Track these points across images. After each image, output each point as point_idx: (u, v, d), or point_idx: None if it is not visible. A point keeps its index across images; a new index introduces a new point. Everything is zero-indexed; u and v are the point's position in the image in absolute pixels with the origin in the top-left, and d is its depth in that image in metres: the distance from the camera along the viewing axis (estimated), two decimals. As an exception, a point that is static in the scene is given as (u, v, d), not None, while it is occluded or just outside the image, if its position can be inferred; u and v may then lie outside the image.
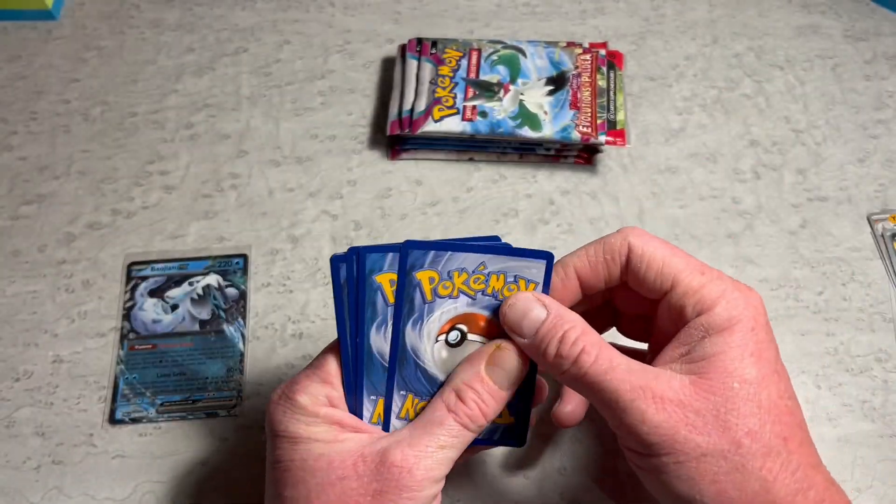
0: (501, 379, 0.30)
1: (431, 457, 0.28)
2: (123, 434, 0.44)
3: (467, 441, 0.30)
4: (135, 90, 0.57)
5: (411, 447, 0.28)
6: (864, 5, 0.62)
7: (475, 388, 0.30)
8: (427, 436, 0.29)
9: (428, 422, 0.30)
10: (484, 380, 0.30)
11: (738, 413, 0.26)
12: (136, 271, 0.49)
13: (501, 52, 0.55)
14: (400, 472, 0.28)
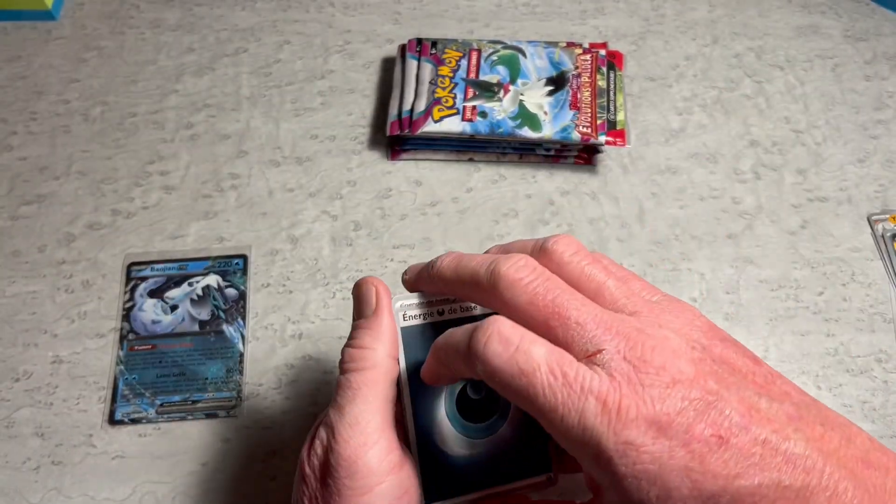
0: (357, 311, 0.29)
1: (351, 427, 0.27)
2: (123, 435, 0.43)
3: (367, 382, 0.27)
4: (135, 90, 0.57)
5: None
6: (864, 5, 0.62)
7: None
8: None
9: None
10: (353, 325, 0.29)
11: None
12: (135, 272, 0.49)
13: (501, 53, 0.55)
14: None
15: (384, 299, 0.29)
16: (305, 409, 0.44)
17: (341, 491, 0.26)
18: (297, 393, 0.45)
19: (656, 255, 0.50)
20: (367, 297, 0.29)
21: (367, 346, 0.28)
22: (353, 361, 0.28)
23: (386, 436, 0.27)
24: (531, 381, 0.22)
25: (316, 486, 0.27)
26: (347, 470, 0.26)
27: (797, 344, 0.46)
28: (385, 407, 0.28)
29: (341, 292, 0.48)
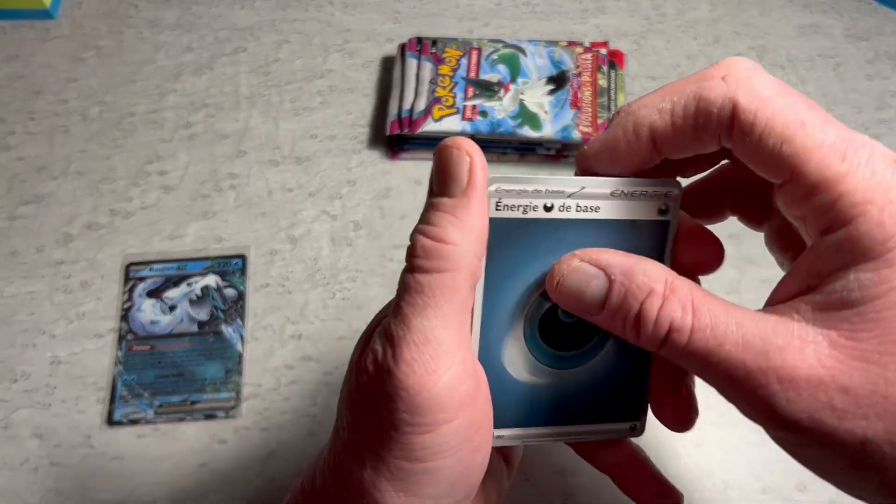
0: (440, 184, 0.22)
1: (417, 348, 0.21)
2: (122, 435, 0.43)
3: (445, 290, 0.21)
4: (133, 90, 0.57)
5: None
6: (865, 4, 0.62)
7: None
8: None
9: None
10: (430, 204, 0.22)
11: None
12: (134, 272, 0.49)
13: (502, 52, 0.54)
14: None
15: (479, 176, 0.21)
16: (305, 410, 0.44)
17: (398, 426, 0.21)
18: (297, 394, 0.45)
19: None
20: (457, 169, 0.21)
21: (451, 240, 0.21)
22: (430, 259, 0.21)
23: (459, 359, 0.21)
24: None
25: (365, 410, 0.22)
26: (409, 403, 0.20)
27: (799, 344, 0.46)
28: (462, 320, 0.22)
29: (341, 292, 0.48)
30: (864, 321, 0.19)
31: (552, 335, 0.25)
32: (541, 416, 0.26)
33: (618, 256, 0.22)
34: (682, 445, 0.43)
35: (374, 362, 0.21)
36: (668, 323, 0.20)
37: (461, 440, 0.21)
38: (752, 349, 0.19)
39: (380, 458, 0.21)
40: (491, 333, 0.24)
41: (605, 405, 0.26)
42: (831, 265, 0.19)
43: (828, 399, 0.19)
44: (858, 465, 0.19)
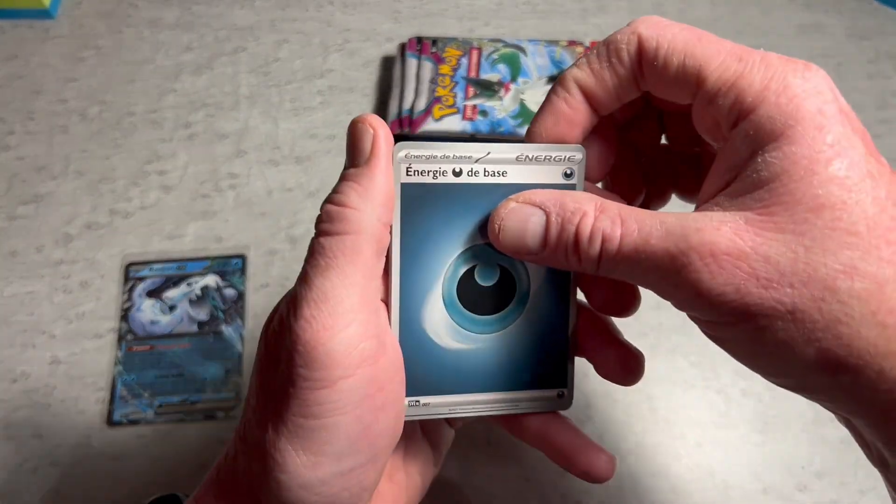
0: (349, 156, 0.23)
1: (316, 305, 0.21)
2: (121, 436, 0.43)
3: (347, 251, 0.22)
4: (133, 89, 0.57)
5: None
6: (866, 4, 0.62)
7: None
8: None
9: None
10: (341, 176, 0.23)
11: (824, 248, 0.19)
12: (134, 272, 0.48)
13: (502, 51, 0.54)
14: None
15: (382, 146, 0.23)
16: (305, 410, 0.44)
17: (295, 381, 0.21)
18: (297, 394, 0.45)
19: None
20: (361, 141, 0.23)
21: (352, 204, 0.22)
22: (332, 222, 0.22)
23: (360, 319, 0.22)
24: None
25: (270, 371, 0.23)
26: (305, 357, 0.21)
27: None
28: (365, 283, 0.22)
29: (341, 292, 0.48)
30: (775, 195, 0.20)
31: (471, 299, 0.25)
32: (465, 384, 0.26)
33: (549, 192, 0.23)
34: (683, 446, 0.43)
35: (279, 323, 0.22)
36: (600, 236, 0.22)
37: (360, 397, 0.22)
38: (673, 236, 0.20)
39: (280, 417, 0.22)
40: (411, 299, 0.25)
41: (529, 372, 0.26)
42: (742, 155, 0.21)
43: (751, 269, 0.19)
44: (790, 339, 0.19)
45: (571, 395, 0.27)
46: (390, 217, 0.23)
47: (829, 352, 0.19)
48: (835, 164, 0.19)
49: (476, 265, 0.25)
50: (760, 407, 0.44)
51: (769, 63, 0.21)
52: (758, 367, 0.22)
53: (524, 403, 0.27)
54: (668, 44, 0.22)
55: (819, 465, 0.42)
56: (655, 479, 0.42)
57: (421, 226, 0.24)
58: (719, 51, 0.21)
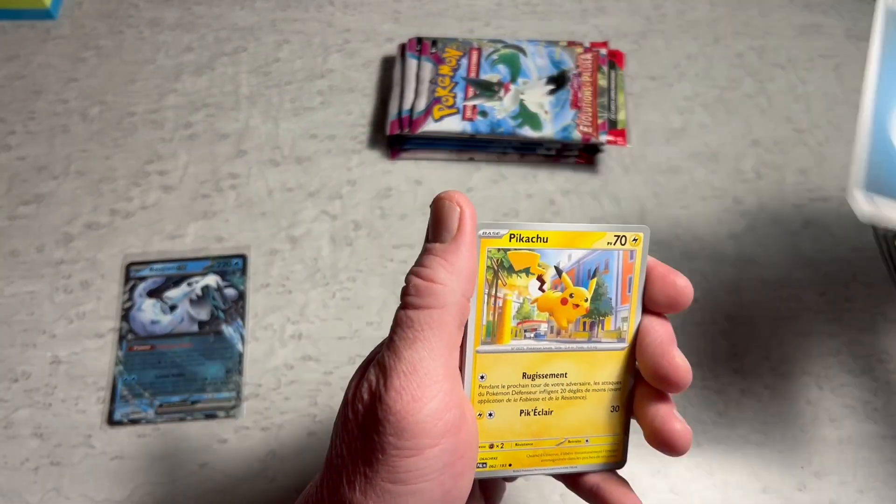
0: (434, 231, 0.25)
1: (406, 377, 0.23)
2: (122, 435, 0.43)
3: (433, 325, 0.23)
4: (133, 90, 0.57)
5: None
6: (866, 4, 0.62)
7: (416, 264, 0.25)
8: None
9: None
10: (425, 249, 0.25)
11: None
12: (134, 272, 0.49)
13: (502, 52, 0.55)
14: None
15: (468, 224, 0.24)
16: (305, 409, 0.44)
17: (385, 449, 0.22)
18: (297, 394, 0.45)
19: (658, 255, 0.49)
20: (448, 218, 0.24)
21: (440, 280, 0.24)
22: (420, 296, 0.23)
23: (445, 389, 0.23)
24: None
25: (357, 435, 0.23)
26: (396, 427, 0.22)
27: (799, 344, 0.46)
28: (449, 354, 0.24)
29: (341, 292, 0.48)
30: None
31: None
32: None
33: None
34: (683, 445, 0.43)
35: (368, 391, 0.23)
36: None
37: (443, 465, 0.23)
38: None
39: (367, 480, 0.23)
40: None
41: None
42: None
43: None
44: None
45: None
46: (472, 291, 0.25)
47: None
48: None
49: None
50: (760, 406, 0.44)
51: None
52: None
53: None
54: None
55: (818, 464, 0.42)
56: (655, 479, 0.42)
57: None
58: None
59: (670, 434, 0.27)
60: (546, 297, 0.26)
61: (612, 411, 0.28)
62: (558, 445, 0.28)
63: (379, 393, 0.23)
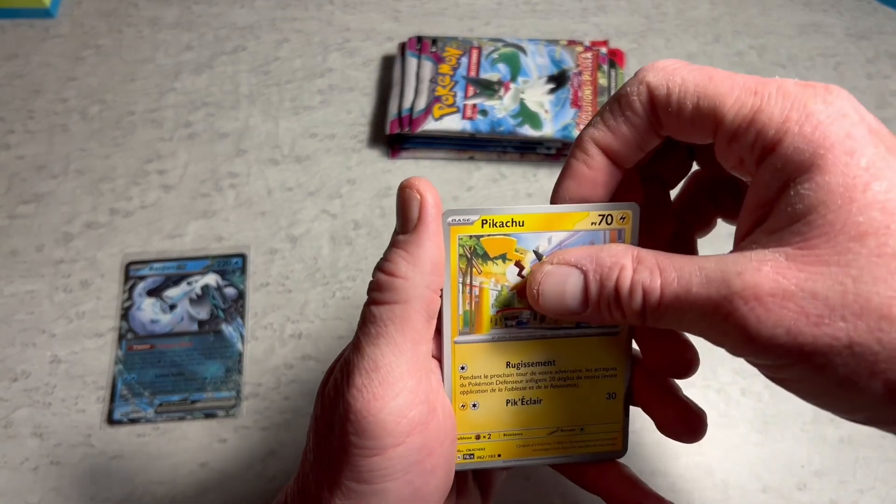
0: (398, 222, 0.24)
1: (367, 374, 0.22)
2: (122, 435, 0.43)
3: (396, 320, 0.23)
4: (133, 89, 0.57)
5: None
6: (865, 3, 0.62)
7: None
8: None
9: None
10: (391, 241, 0.24)
11: (873, 277, 0.18)
12: (134, 271, 0.48)
13: (502, 50, 0.54)
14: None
15: (430, 212, 0.23)
16: (304, 409, 0.44)
17: (347, 448, 0.22)
18: (297, 393, 0.45)
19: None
20: (409, 207, 0.23)
21: (401, 273, 0.23)
22: (382, 291, 0.23)
23: (409, 386, 0.22)
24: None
25: (324, 433, 0.23)
26: (356, 426, 0.22)
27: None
28: (415, 350, 0.23)
29: (341, 291, 0.48)
30: (814, 228, 0.19)
31: None
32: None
33: (583, 250, 0.23)
34: (682, 445, 0.43)
35: (334, 387, 0.23)
36: (640, 288, 0.21)
37: (410, 464, 0.22)
38: (714, 283, 0.20)
39: (334, 480, 0.23)
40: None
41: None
42: (773, 190, 0.20)
43: (799, 308, 0.19)
44: (854, 374, 0.19)
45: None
46: (440, 282, 0.24)
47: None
48: (873, 188, 0.18)
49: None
50: (760, 406, 0.44)
51: (786, 92, 0.20)
52: (827, 406, 0.21)
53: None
54: (678, 88, 0.21)
55: (818, 464, 0.42)
56: (655, 479, 0.42)
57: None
58: (732, 87, 0.21)
59: (685, 420, 0.26)
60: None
61: (609, 398, 0.27)
62: (551, 434, 0.27)
63: (342, 390, 0.22)
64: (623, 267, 0.22)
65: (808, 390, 0.20)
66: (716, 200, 0.28)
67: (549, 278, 0.23)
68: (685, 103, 0.21)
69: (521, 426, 0.27)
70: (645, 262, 0.22)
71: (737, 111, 0.20)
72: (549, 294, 0.23)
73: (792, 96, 0.20)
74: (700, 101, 0.21)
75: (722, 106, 0.21)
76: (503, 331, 0.26)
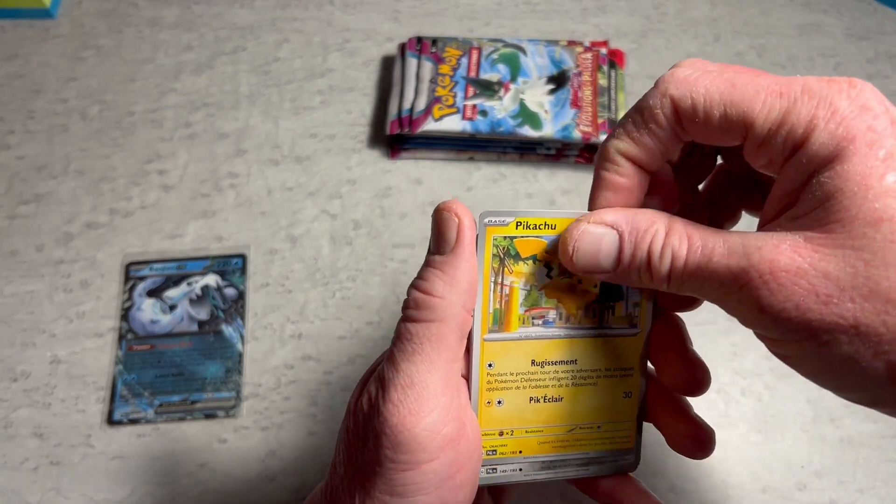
0: (434, 243, 0.25)
1: (403, 390, 0.23)
2: (122, 435, 0.43)
3: (432, 338, 0.23)
4: (133, 89, 0.57)
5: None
6: (865, 4, 0.62)
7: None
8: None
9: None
10: (426, 261, 0.25)
11: (884, 262, 0.19)
12: (134, 271, 0.48)
13: (502, 51, 0.54)
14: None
15: (467, 235, 0.24)
16: (304, 409, 0.44)
17: (382, 462, 0.22)
18: (297, 393, 0.45)
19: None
20: (447, 229, 0.24)
21: (437, 293, 0.23)
22: (418, 309, 0.23)
23: (443, 403, 0.23)
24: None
25: (357, 446, 0.24)
26: (392, 440, 0.22)
27: (799, 344, 0.46)
28: (448, 367, 0.24)
29: (341, 292, 0.48)
30: (832, 213, 0.20)
31: None
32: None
33: (620, 211, 0.24)
34: (683, 445, 0.43)
35: (367, 402, 0.24)
36: (670, 253, 0.22)
37: (442, 478, 0.23)
38: (735, 254, 0.21)
39: (366, 492, 0.23)
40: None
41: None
42: (798, 181, 0.21)
43: (810, 285, 0.20)
44: (857, 354, 0.20)
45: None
46: (473, 303, 0.24)
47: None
48: (889, 177, 0.19)
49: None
50: (760, 406, 0.44)
51: (811, 91, 0.21)
52: (828, 384, 0.22)
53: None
54: (703, 98, 0.22)
55: (818, 464, 0.42)
56: (655, 479, 0.42)
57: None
58: (758, 91, 0.21)
59: (694, 439, 0.27)
60: (554, 284, 0.26)
61: (625, 397, 0.28)
62: (569, 432, 0.28)
63: (377, 405, 0.23)
64: (657, 231, 0.23)
65: (811, 367, 0.21)
66: (741, 194, 0.28)
67: (585, 236, 0.24)
68: (712, 113, 0.22)
69: (543, 423, 0.27)
70: (675, 228, 0.23)
71: (766, 116, 0.21)
72: (585, 252, 0.24)
73: (817, 95, 0.20)
74: (727, 109, 0.22)
75: (750, 112, 0.21)
76: (530, 329, 0.26)
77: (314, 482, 0.42)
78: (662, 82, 0.23)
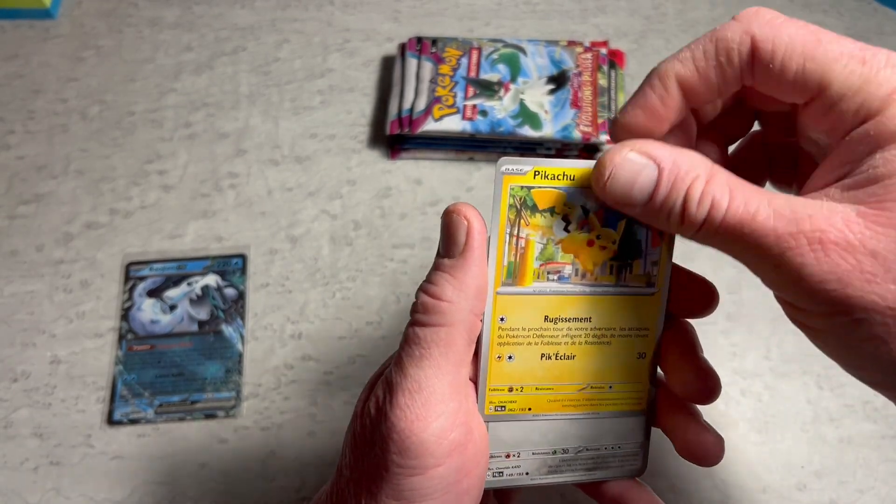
0: (443, 245, 0.24)
1: (411, 395, 0.23)
2: (122, 435, 0.43)
3: (440, 342, 0.23)
4: (133, 89, 0.57)
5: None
6: (866, 4, 0.62)
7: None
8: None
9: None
10: (435, 264, 0.24)
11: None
12: (134, 271, 0.48)
13: (502, 51, 0.54)
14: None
15: (477, 238, 0.24)
16: (304, 409, 0.44)
17: (389, 467, 0.22)
18: (297, 393, 0.45)
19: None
20: (456, 232, 0.24)
21: (446, 297, 0.23)
22: (427, 314, 0.23)
23: (451, 409, 0.23)
24: None
25: (364, 450, 0.23)
26: (399, 445, 0.22)
27: (798, 344, 0.46)
28: (456, 372, 0.23)
29: (341, 292, 0.48)
30: (889, 191, 0.19)
31: None
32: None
33: (664, 147, 0.23)
34: (683, 445, 0.43)
35: (375, 406, 0.23)
36: (710, 201, 0.21)
37: (448, 484, 0.23)
38: (782, 218, 0.20)
39: (373, 496, 0.23)
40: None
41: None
42: (860, 153, 0.20)
43: (856, 262, 0.19)
44: (886, 335, 0.19)
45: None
46: (482, 308, 0.24)
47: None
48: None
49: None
50: (760, 406, 0.44)
51: (895, 64, 0.20)
52: (845, 360, 0.21)
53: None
54: (785, 46, 0.21)
55: (818, 464, 0.42)
56: (655, 479, 0.42)
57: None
58: (842, 53, 0.20)
59: (703, 447, 0.26)
60: (571, 239, 0.25)
61: (639, 358, 0.27)
62: (580, 391, 0.27)
63: (385, 410, 0.23)
64: (698, 175, 0.22)
65: (834, 342, 0.21)
66: (772, 165, 0.28)
67: (625, 164, 0.23)
68: (790, 64, 0.21)
69: (553, 380, 0.27)
70: (718, 177, 0.22)
71: (844, 79, 0.20)
72: (620, 180, 0.23)
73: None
74: (807, 63, 0.21)
75: (830, 72, 0.20)
76: (544, 284, 0.25)
77: (314, 482, 0.42)
78: (745, 18, 0.22)
